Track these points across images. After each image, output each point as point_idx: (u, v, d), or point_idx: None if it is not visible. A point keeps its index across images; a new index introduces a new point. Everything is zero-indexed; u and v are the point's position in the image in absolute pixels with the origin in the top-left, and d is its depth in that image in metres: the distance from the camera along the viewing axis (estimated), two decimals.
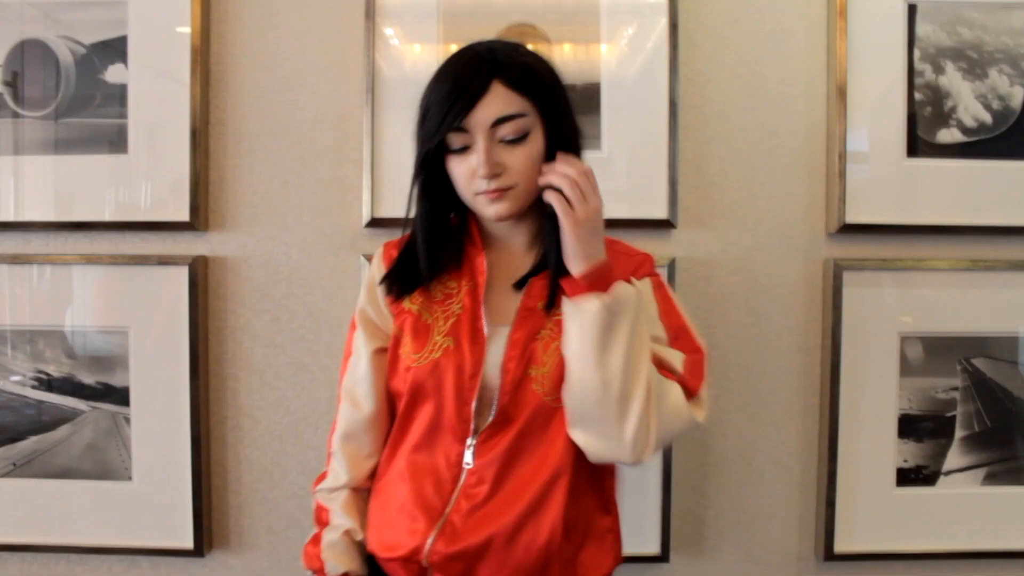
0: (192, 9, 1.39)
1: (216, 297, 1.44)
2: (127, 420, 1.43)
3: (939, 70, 1.41)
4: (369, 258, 1.39)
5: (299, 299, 1.43)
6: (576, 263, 0.90)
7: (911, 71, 1.40)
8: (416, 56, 1.42)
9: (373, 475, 1.04)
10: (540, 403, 0.94)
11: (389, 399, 1.04)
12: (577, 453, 0.94)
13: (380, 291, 1.03)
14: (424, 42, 1.42)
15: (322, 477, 1.07)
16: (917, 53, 1.41)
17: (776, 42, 1.43)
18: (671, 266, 1.40)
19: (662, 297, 1.00)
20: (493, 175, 0.91)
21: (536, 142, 0.93)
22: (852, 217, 1.40)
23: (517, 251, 1.02)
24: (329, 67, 1.43)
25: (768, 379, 1.45)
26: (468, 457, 0.95)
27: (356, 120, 1.41)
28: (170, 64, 1.40)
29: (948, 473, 1.44)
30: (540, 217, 0.97)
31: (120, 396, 1.42)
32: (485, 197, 0.93)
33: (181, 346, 1.41)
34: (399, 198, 1.39)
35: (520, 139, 0.92)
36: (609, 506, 1.03)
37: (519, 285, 0.98)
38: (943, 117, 1.41)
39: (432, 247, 0.99)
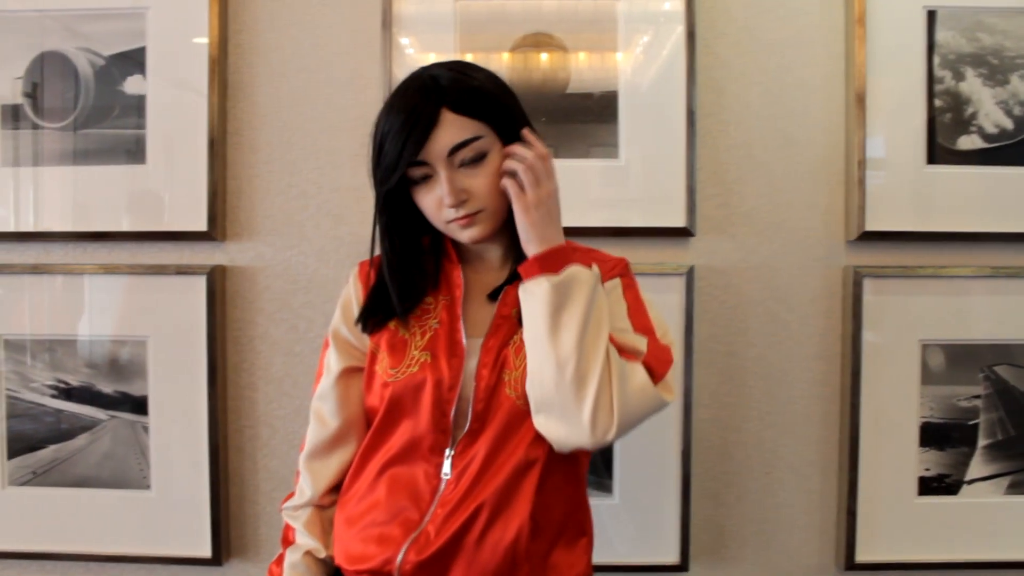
0: (210, 20, 1.40)
1: (234, 306, 1.44)
2: (145, 429, 1.43)
3: (959, 76, 1.40)
4: None
5: (317, 308, 1.43)
6: (530, 246, 0.91)
7: (931, 77, 1.39)
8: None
9: (336, 492, 1.04)
10: (512, 406, 0.94)
11: (358, 417, 1.04)
12: (548, 450, 0.94)
13: (357, 313, 1.03)
14: (441, 52, 1.42)
15: (290, 496, 1.07)
16: (937, 59, 1.40)
17: (794, 49, 1.42)
18: (689, 274, 1.39)
19: (632, 298, 0.99)
20: (459, 202, 0.92)
21: (494, 161, 0.93)
22: (872, 224, 1.39)
23: (492, 265, 1.03)
24: (346, 77, 1.43)
25: (788, 387, 1.44)
26: (447, 468, 0.95)
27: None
28: (188, 75, 1.41)
29: (971, 482, 1.43)
30: (513, 231, 0.96)
31: (139, 405, 1.43)
32: (456, 224, 0.94)
33: (199, 355, 1.41)
34: None
35: (479, 162, 0.92)
36: (581, 509, 1.02)
37: (494, 296, 0.99)
38: (963, 123, 1.40)
39: (403, 284, 0.99)
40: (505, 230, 0.98)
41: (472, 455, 0.94)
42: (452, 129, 0.90)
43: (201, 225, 1.41)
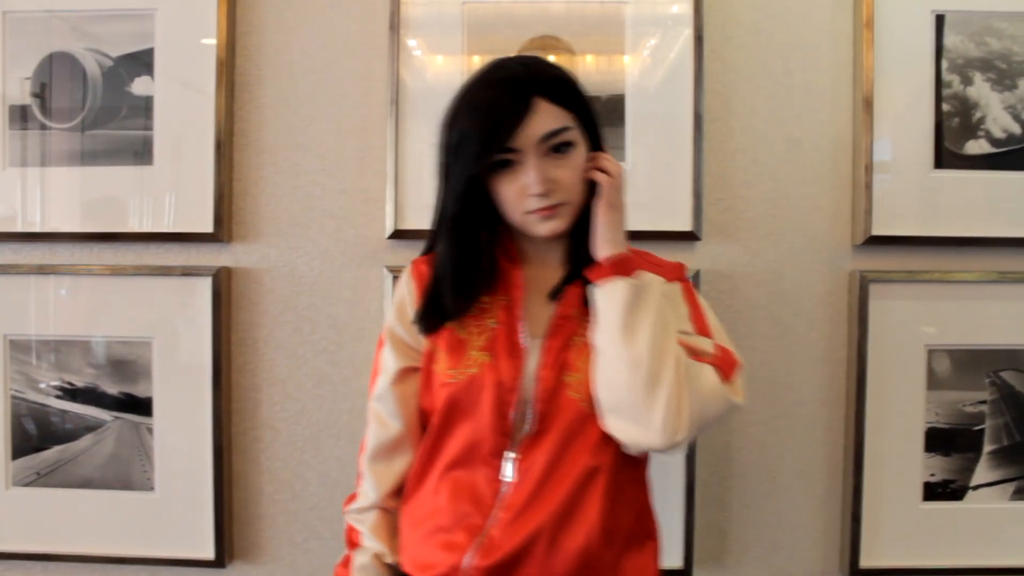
0: (218, 21, 1.40)
1: (239, 308, 1.44)
2: (150, 430, 1.43)
3: (967, 81, 1.39)
4: (393, 270, 1.39)
5: (322, 310, 1.43)
6: (603, 247, 0.93)
7: (939, 82, 1.39)
8: (440, 67, 1.42)
9: (401, 494, 1.03)
10: (577, 409, 0.93)
11: (418, 418, 1.03)
12: (614, 455, 0.93)
13: (412, 312, 1.01)
14: (448, 54, 1.42)
15: (352, 498, 1.06)
16: (945, 64, 1.39)
17: (802, 53, 1.42)
18: (695, 278, 1.39)
19: (692, 302, 1.00)
20: (546, 191, 0.91)
21: (580, 155, 0.94)
22: (878, 229, 1.39)
23: (552, 264, 1.02)
24: (353, 79, 1.43)
25: (793, 392, 1.43)
26: (508, 470, 0.94)
27: (380, 131, 1.41)
28: (195, 76, 1.41)
29: (976, 487, 1.42)
30: (575, 233, 0.98)
31: (143, 406, 1.43)
32: (537, 216, 0.93)
33: (204, 357, 1.41)
34: (422, 210, 1.40)
35: (567, 153, 0.92)
36: (647, 512, 1.02)
37: (553, 295, 0.98)
38: (971, 128, 1.40)
39: (460, 283, 0.97)
40: (567, 236, 0.99)
41: (535, 458, 0.93)
42: (546, 117, 0.90)
43: (207, 226, 1.41)
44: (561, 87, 0.93)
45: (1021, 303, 1.41)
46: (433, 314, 0.98)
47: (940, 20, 1.39)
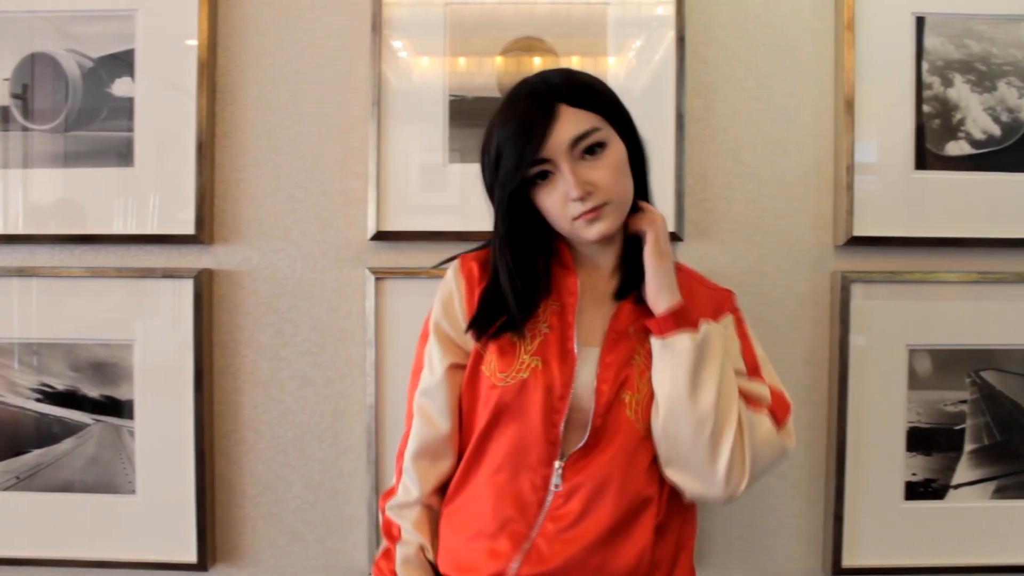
0: (199, 22, 1.39)
1: (221, 310, 1.43)
2: (131, 433, 1.42)
3: (947, 83, 1.40)
4: (375, 271, 1.39)
5: (304, 312, 1.43)
6: (660, 298, 0.94)
7: (919, 83, 1.40)
8: (423, 68, 1.42)
9: (443, 493, 1.02)
10: (632, 429, 0.94)
11: (462, 416, 1.02)
12: (667, 485, 0.95)
13: (460, 310, 1.01)
14: (431, 55, 1.42)
15: (390, 492, 1.04)
16: (925, 65, 1.40)
17: (784, 54, 1.43)
18: None
19: (742, 335, 1.02)
20: (585, 194, 0.91)
21: (615, 152, 0.94)
22: (860, 230, 1.39)
23: (604, 272, 1.02)
24: (335, 80, 1.42)
25: None
26: (556, 479, 0.93)
27: (362, 133, 1.41)
28: (177, 77, 1.40)
29: (957, 487, 1.43)
30: (624, 238, 1.00)
31: (124, 409, 1.42)
32: (583, 220, 0.93)
33: (185, 359, 1.40)
34: (405, 211, 1.40)
35: (600, 153, 0.92)
36: (688, 546, 1.02)
37: (619, 297, 0.99)
38: (952, 129, 1.41)
39: (521, 295, 0.96)
40: (618, 237, 1.00)
41: (588, 473, 0.92)
42: (571, 122, 0.91)
43: (189, 228, 1.40)
44: (583, 91, 0.93)
45: (1001, 303, 1.42)
46: (490, 323, 0.97)
47: (920, 22, 1.40)
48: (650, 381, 0.94)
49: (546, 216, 0.96)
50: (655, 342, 0.94)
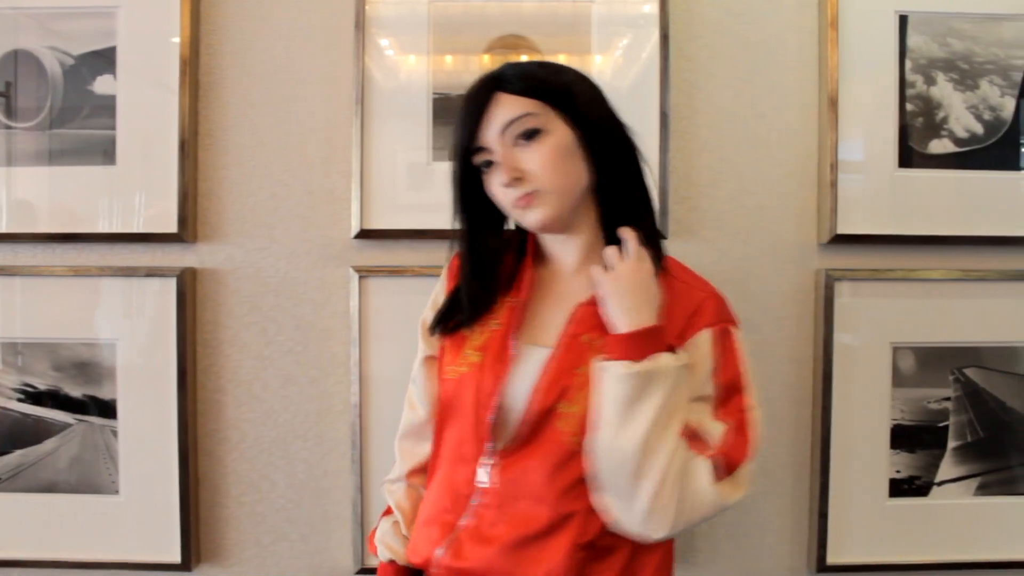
0: (181, 20, 1.38)
1: (204, 309, 1.43)
2: (114, 433, 1.41)
3: (930, 81, 1.41)
4: (359, 270, 1.39)
5: (287, 311, 1.42)
6: (620, 320, 0.87)
7: (903, 82, 1.40)
8: (410, 66, 1.41)
9: (426, 474, 1.06)
10: (560, 442, 0.89)
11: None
12: (588, 504, 0.89)
13: (440, 305, 1.03)
14: (415, 52, 1.41)
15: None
16: (908, 64, 1.40)
17: (767, 52, 1.43)
18: None
19: (721, 351, 0.92)
20: (513, 179, 0.90)
21: (554, 139, 0.90)
22: (844, 227, 1.39)
23: (566, 269, 0.99)
24: (318, 78, 1.42)
25: (760, 390, 1.39)
26: (483, 476, 0.93)
27: (345, 131, 1.41)
28: (159, 75, 1.39)
29: (941, 484, 1.44)
30: (592, 232, 0.96)
31: (107, 409, 1.41)
32: (518, 207, 0.92)
33: (169, 358, 1.39)
34: (389, 210, 1.39)
35: (533, 139, 0.90)
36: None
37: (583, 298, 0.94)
38: (935, 128, 1.41)
39: (474, 290, 0.97)
40: (583, 231, 0.96)
41: (508, 476, 0.91)
42: (504, 109, 0.90)
43: (171, 227, 1.39)
44: (524, 78, 0.91)
45: (984, 300, 1.43)
46: (447, 319, 0.99)
47: (903, 21, 1.40)
48: (588, 396, 0.88)
49: (498, 206, 0.96)
50: (595, 363, 0.88)
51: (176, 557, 1.40)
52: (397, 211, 1.40)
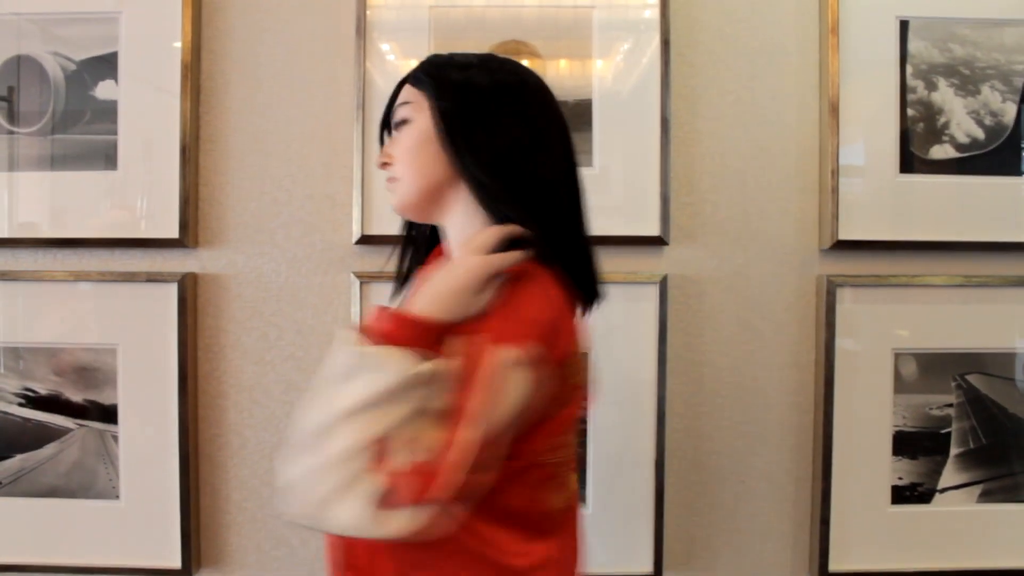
0: (183, 25, 1.39)
1: (205, 314, 1.43)
2: (115, 438, 1.41)
3: (931, 86, 1.40)
4: (359, 276, 1.39)
5: (288, 316, 1.42)
6: (417, 299, 0.81)
7: (904, 87, 1.40)
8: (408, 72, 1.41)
9: None
10: None
11: None
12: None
13: None
14: (417, 58, 1.40)
15: None
16: (909, 69, 1.40)
17: (768, 58, 1.43)
18: (663, 283, 1.39)
19: (471, 369, 0.76)
20: (382, 164, 0.93)
21: (414, 129, 0.88)
22: (845, 233, 1.39)
23: (451, 255, 0.92)
24: (320, 83, 1.42)
25: (761, 396, 1.44)
26: None
27: (346, 137, 1.41)
28: (161, 80, 1.40)
29: (943, 491, 1.43)
30: (468, 222, 0.89)
31: (108, 414, 1.41)
32: (388, 190, 0.95)
33: (170, 363, 1.39)
34: (390, 215, 1.38)
35: (401, 129, 0.91)
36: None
37: None
38: (936, 133, 1.41)
39: (398, 272, 1.03)
40: (454, 224, 0.91)
41: None
42: (400, 98, 0.92)
43: (173, 232, 1.39)
44: (421, 68, 0.91)
45: (986, 306, 1.42)
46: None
47: (904, 26, 1.40)
48: None
49: None
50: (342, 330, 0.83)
51: (177, 562, 1.40)
52: (398, 217, 1.39)
